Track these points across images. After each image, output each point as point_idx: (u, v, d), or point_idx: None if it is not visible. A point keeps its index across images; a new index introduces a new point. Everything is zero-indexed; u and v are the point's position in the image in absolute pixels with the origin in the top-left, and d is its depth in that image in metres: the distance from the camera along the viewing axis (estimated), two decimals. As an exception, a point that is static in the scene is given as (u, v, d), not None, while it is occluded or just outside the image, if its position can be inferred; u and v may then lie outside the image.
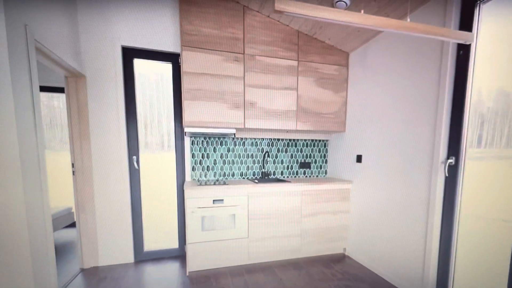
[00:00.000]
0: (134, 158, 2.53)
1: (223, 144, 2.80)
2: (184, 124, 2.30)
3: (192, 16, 2.24)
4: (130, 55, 2.45)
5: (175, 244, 2.72)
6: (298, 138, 3.03)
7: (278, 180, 2.83)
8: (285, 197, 2.47)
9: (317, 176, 3.17)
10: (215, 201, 2.27)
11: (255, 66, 2.43)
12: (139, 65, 2.54)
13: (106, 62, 2.33)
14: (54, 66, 2.03)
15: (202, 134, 2.52)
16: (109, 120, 2.38)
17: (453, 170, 1.65)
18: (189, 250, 2.26)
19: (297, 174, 3.09)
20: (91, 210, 2.40)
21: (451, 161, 1.62)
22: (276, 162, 3.00)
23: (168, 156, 2.71)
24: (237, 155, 2.86)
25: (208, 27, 2.28)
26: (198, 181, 2.64)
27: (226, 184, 2.37)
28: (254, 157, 2.92)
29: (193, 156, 2.72)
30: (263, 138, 2.92)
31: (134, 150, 2.53)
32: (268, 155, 2.94)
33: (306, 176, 3.13)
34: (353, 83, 2.64)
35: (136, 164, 2.54)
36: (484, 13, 1.51)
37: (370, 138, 2.37)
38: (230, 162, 2.84)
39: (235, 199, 2.33)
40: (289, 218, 2.50)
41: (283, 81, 2.52)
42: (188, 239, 2.24)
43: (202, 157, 2.75)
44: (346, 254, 2.75)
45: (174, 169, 2.69)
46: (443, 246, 1.75)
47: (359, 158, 2.53)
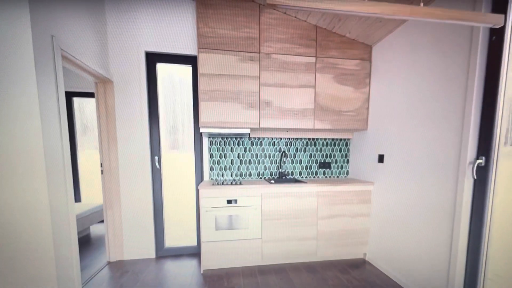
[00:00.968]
0: (156, 158, 2.64)
1: (240, 144, 2.81)
2: (200, 125, 2.34)
3: (208, 18, 2.27)
4: (153, 60, 2.56)
5: (194, 242, 2.79)
6: (317, 137, 2.92)
7: (295, 180, 2.76)
8: (300, 198, 2.39)
9: (337, 176, 3.02)
10: (229, 201, 2.27)
11: (271, 64, 2.39)
12: (162, 69, 2.65)
13: (132, 68, 2.47)
14: (83, 73, 2.19)
15: (217, 134, 2.55)
16: (133, 122, 2.51)
17: (482, 171, 1.45)
18: (203, 248, 2.29)
19: (316, 174, 2.98)
20: (118, 207, 2.55)
21: (481, 161, 1.43)
22: (294, 162, 2.92)
23: (187, 156, 2.79)
24: (254, 155, 2.84)
25: (224, 28, 2.30)
26: (216, 180, 2.67)
27: (240, 184, 2.37)
28: (271, 157, 2.87)
29: (211, 156, 2.77)
30: (281, 138, 2.87)
31: (156, 150, 2.64)
32: (285, 155, 2.88)
33: (326, 176, 3.01)
34: (376, 78, 2.47)
35: (157, 164, 2.65)
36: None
37: (393, 137, 2.20)
38: (247, 162, 2.84)
39: (249, 200, 2.31)
40: (304, 220, 2.42)
41: (300, 78, 2.45)
42: (202, 238, 2.28)
43: (220, 157, 2.78)
44: (366, 259, 2.58)
45: (193, 169, 2.76)
46: (471, 258, 1.55)
47: (381, 158, 2.35)
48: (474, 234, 1.53)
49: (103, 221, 3.31)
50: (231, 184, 2.37)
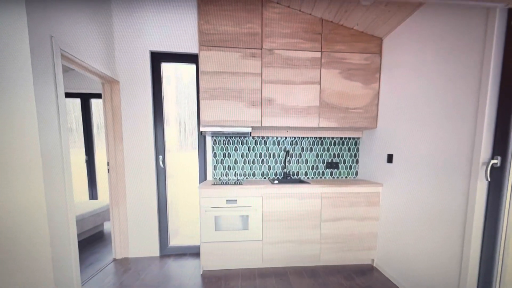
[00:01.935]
0: (160, 157, 2.65)
1: (244, 143, 2.75)
2: (201, 123, 2.31)
3: (210, 15, 2.23)
4: (157, 59, 2.56)
5: (198, 241, 2.77)
6: (324, 136, 2.79)
7: (300, 181, 2.65)
8: (302, 199, 2.29)
9: (346, 177, 2.87)
10: (228, 201, 2.22)
11: (274, 60, 2.31)
12: (166, 68, 2.64)
13: (137, 67, 2.49)
14: (88, 74, 2.22)
15: (220, 133, 2.50)
16: (139, 121, 2.53)
17: (498, 172, 1.29)
18: (202, 249, 2.26)
19: (323, 175, 2.85)
20: (123, 205, 2.59)
21: (496, 161, 1.26)
22: (300, 162, 2.82)
23: (191, 155, 2.78)
24: (258, 154, 2.77)
25: (225, 25, 2.24)
26: (219, 179, 2.64)
27: (241, 184, 2.30)
28: (276, 156, 2.79)
29: (214, 155, 2.73)
30: (286, 137, 2.77)
31: (160, 149, 2.65)
32: (289, 154, 2.78)
33: (334, 177, 2.87)
34: (387, 73, 2.30)
35: (161, 163, 2.65)
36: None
37: (403, 135, 2.04)
38: (251, 162, 2.77)
39: (249, 200, 2.24)
40: (307, 222, 2.31)
41: (304, 75, 2.34)
42: (201, 238, 2.25)
43: (223, 156, 2.74)
44: (374, 266, 2.43)
45: (197, 168, 2.74)
46: (484, 269, 1.39)
47: (390, 158, 2.19)
48: (488, 242, 1.37)
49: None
50: (235, 183, 2.32)
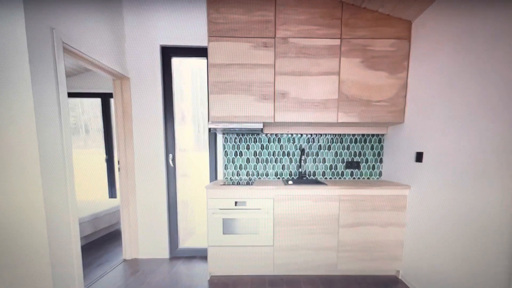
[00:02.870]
0: (170, 156, 2.55)
1: (257, 141, 2.58)
2: (210, 119, 2.17)
3: (220, 3, 2.08)
4: (168, 54, 2.47)
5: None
6: (344, 133, 2.54)
7: (316, 182, 2.42)
8: (318, 202, 2.08)
9: (368, 178, 2.60)
10: (237, 203, 2.07)
11: (288, 50, 2.11)
12: (177, 62, 2.55)
13: (147, 63, 2.42)
14: (97, 70, 2.16)
15: (230, 130, 2.34)
16: (149, 119, 2.46)
17: None
18: (210, 253, 2.13)
19: (342, 175, 2.60)
20: (133, 206, 2.53)
21: None
22: (316, 161, 2.59)
23: (202, 154, 2.66)
24: (271, 153, 2.59)
25: (235, 13, 2.09)
26: (231, 179, 2.49)
27: (252, 184, 2.14)
28: (291, 155, 2.59)
29: (225, 154, 2.59)
30: (301, 134, 2.56)
31: (171, 148, 2.55)
32: (304, 153, 2.57)
33: (354, 178, 2.61)
34: (417, 60, 2.02)
35: (171, 162, 2.56)
36: None
37: (434, 130, 1.77)
38: (264, 161, 2.59)
39: (259, 202, 2.07)
40: (323, 227, 2.09)
41: (321, 65, 2.12)
42: (209, 242, 2.11)
43: (235, 155, 2.59)
44: (400, 278, 2.16)
45: (208, 167, 2.62)
46: None
47: (420, 157, 1.92)
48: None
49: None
50: (247, 184, 2.16)
